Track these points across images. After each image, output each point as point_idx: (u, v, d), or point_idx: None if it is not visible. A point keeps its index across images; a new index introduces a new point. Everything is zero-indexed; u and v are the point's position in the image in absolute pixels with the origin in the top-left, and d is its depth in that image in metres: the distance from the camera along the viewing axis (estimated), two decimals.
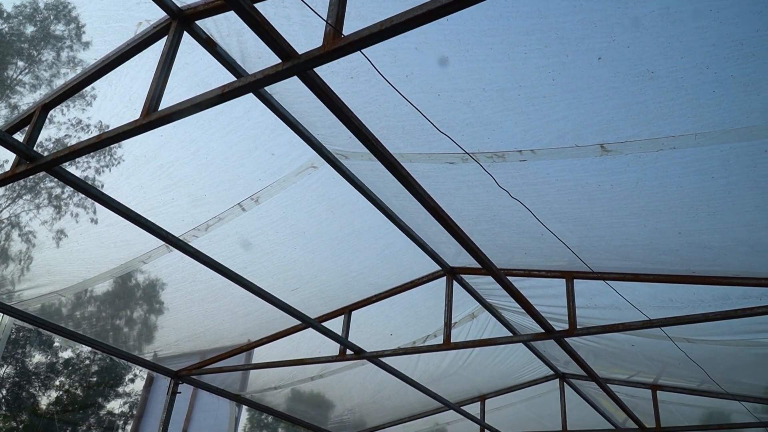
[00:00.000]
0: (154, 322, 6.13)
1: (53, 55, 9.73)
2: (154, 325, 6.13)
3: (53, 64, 8.94)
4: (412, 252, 5.15)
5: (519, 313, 5.87)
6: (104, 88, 3.65)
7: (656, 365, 6.61)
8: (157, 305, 5.86)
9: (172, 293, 5.26)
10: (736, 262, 4.08)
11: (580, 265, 4.69)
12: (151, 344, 6.10)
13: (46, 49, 10.74)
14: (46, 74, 10.08)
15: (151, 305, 6.11)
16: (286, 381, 6.88)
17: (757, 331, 4.85)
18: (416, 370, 6.80)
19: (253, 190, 4.26)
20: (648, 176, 3.35)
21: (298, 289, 5.36)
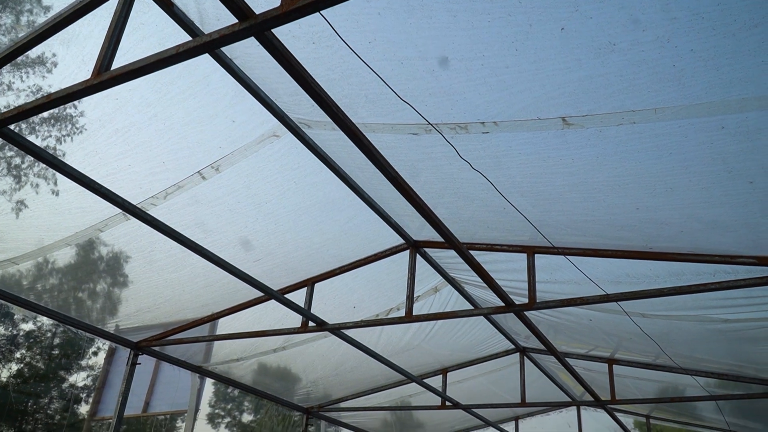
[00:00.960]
0: (117, 294, 6.01)
1: (12, 19, 9.33)
2: (117, 298, 6.01)
3: (12, 28, 8.58)
4: (376, 225, 5.14)
5: (481, 288, 5.93)
6: (62, 52, 3.51)
7: (613, 340, 6.77)
8: (121, 278, 5.76)
9: (131, 263, 5.15)
10: (692, 238, 4.16)
11: (541, 240, 4.74)
12: (113, 317, 5.99)
13: (4, 13, 10.29)
14: (4, 39, 9.68)
15: (115, 278, 5.98)
16: (249, 353, 6.85)
17: (709, 307, 4.99)
18: (379, 343, 6.84)
19: (214, 158, 4.16)
20: (608, 151, 3.38)
21: (261, 260, 5.30)
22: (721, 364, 6.56)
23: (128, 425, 26.15)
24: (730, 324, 5.21)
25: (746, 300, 4.71)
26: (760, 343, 5.52)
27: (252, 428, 32.87)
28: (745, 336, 5.43)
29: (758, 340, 5.42)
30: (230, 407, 34.44)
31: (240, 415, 34.25)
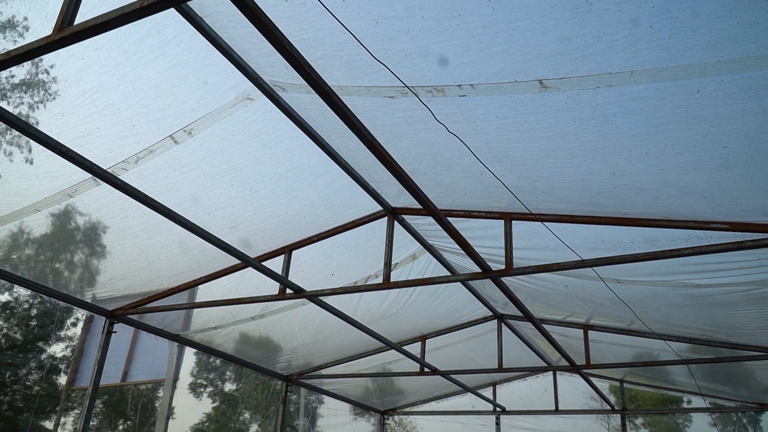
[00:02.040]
0: (94, 264, 5.92)
1: None
2: (93, 268, 5.92)
3: None
4: (354, 192, 5.09)
5: (459, 255, 5.94)
6: (24, 10, 3.38)
7: (589, 306, 6.86)
8: (99, 249, 5.67)
9: (108, 233, 5.07)
10: (667, 204, 4.19)
11: (518, 206, 4.74)
12: (90, 287, 5.92)
13: None
14: None
15: (93, 248, 5.88)
16: (227, 321, 6.83)
17: (682, 273, 5.05)
18: (358, 311, 6.86)
19: (186, 122, 4.06)
20: (585, 115, 3.35)
21: (237, 227, 5.24)
22: (693, 329, 6.69)
23: (109, 395, 26.21)
24: (703, 289, 5.30)
25: (718, 265, 4.78)
26: (730, 308, 5.63)
27: (234, 397, 33.09)
28: (717, 301, 5.53)
29: (729, 304, 5.53)
30: (212, 377, 34.58)
31: (222, 384, 34.43)
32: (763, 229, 4.11)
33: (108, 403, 26.75)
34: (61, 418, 21.53)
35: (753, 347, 6.63)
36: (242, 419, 31.02)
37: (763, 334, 6.17)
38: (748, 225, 4.14)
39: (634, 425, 18.51)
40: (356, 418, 11.38)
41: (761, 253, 4.44)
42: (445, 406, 11.02)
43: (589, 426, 10.40)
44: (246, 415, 30.95)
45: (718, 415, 11.87)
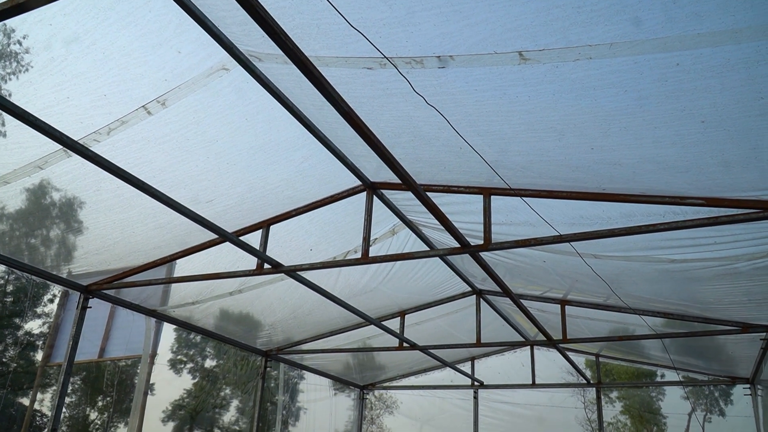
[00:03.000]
0: (69, 240, 5.81)
1: None
2: (69, 243, 5.81)
3: None
4: (332, 166, 5.04)
5: (438, 230, 5.94)
6: None
7: (566, 282, 6.92)
8: (76, 224, 5.57)
9: (84, 209, 4.97)
10: (644, 179, 4.21)
11: (497, 181, 4.73)
12: (67, 262, 5.82)
13: None
14: None
15: (69, 224, 5.77)
16: (205, 296, 6.77)
17: (658, 248, 5.11)
18: (337, 286, 6.85)
19: (159, 92, 3.96)
20: (564, 88, 3.33)
21: (214, 201, 5.17)
22: (668, 304, 6.80)
23: (88, 372, 26.06)
24: (678, 264, 5.36)
25: (693, 241, 4.83)
26: (704, 283, 5.72)
27: (214, 373, 33.10)
28: (691, 276, 5.60)
29: (703, 279, 5.61)
30: (192, 353, 34.53)
31: (202, 360, 34.41)
32: (737, 204, 4.15)
33: (86, 380, 26.62)
34: (38, 394, 21.38)
35: (725, 322, 6.76)
36: (223, 395, 31.10)
37: (735, 308, 6.29)
38: (722, 200, 4.18)
39: (609, 399, 18.91)
40: (336, 394, 11.46)
41: (735, 228, 4.49)
42: (424, 381, 11.13)
43: (566, 400, 10.61)
44: (227, 390, 31.03)
45: (690, 388, 12.16)
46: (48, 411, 23.73)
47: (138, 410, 7.01)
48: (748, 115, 3.25)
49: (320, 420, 10.63)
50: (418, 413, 11.72)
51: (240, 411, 29.52)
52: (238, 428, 29.24)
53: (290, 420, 14.16)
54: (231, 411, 30.23)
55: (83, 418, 27.38)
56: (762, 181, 3.89)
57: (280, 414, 9.35)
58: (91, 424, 27.68)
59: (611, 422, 21.63)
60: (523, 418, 10.48)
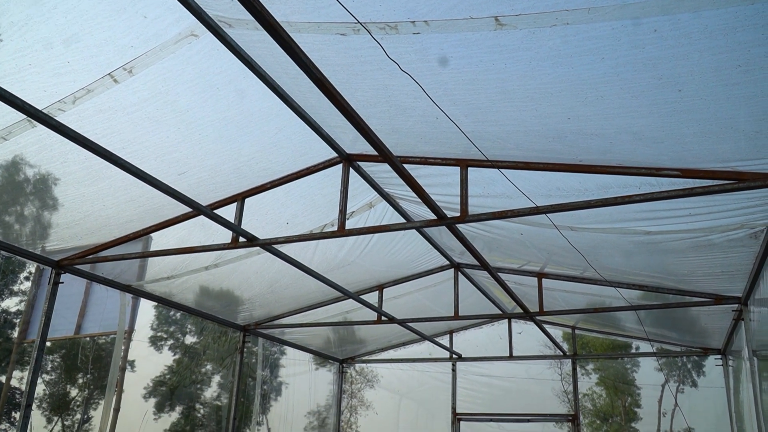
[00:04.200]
0: (46, 217, 5.66)
1: None
2: (43, 219, 5.67)
3: None
4: (307, 137, 4.95)
5: (416, 203, 5.90)
6: None
7: (543, 255, 6.95)
8: (51, 201, 5.43)
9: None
10: (620, 150, 4.19)
11: (474, 153, 4.68)
12: (42, 239, 5.68)
13: None
14: None
15: (44, 201, 5.61)
16: (180, 271, 6.68)
17: (634, 220, 5.12)
18: (314, 260, 6.79)
19: (126, 59, 3.82)
20: (541, 55, 3.27)
21: (186, 173, 5.06)
22: (643, 277, 6.87)
23: (67, 349, 25.85)
24: (653, 236, 5.39)
25: (669, 212, 4.85)
26: (679, 255, 5.77)
27: (195, 350, 33.04)
28: (666, 248, 5.65)
29: (678, 251, 5.65)
30: (173, 330, 34.40)
31: (183, 337, 34.31)
32: (712, 175, 4.16)
33: (66, 357, 26.43)
34: (17, 372, 21.17)
35: (699, 294, 6.85)
36: (204, 371, 31.09)
37: (708, 280, 6.36)
38: (698, 172, 4.18)
39: (585, 371, 19.24)
40: (318, 368, 11.49)
41: (710, 200, 4.51)
42: (403, 354, 11.21)
43: (543, 372, 10.74)
44: (208, 367, 31.03)
45: (664, 360, 12.39)
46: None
47: (113, 387, 6.92)
48: (726, 84, 3.23)
49: (301, 394, 10.67)
50: (398, 386, 11.81)
51: (222, 386, 29.58)
52: (219, 403, 29.31)
53: (272, 395, 14.20)
54: (213, 387, 30.29)
55: (63, 396, 27.25)
56: (737, 152, 3.89)
57: (259, 388, 9.34)
58: (71, 401, 27.57)
59: (587, 393, 22.09)
60: (500, 389, 10.62)
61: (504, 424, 10.38)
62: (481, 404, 10.61)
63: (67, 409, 27.35)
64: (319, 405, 12.18)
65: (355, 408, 16.41)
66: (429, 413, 11.38)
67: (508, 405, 10.36)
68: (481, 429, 10.57)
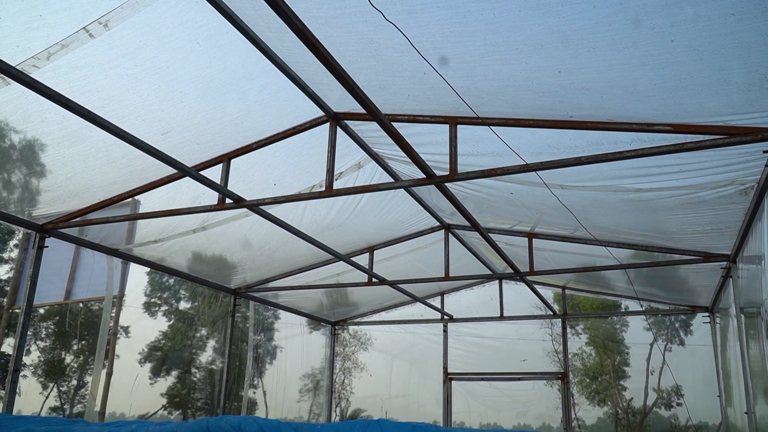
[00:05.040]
0: (34, 184, 5.53)
1: None
2: (29, 185, 5.54)
3: None
4: (293, 95, 4.83)
5: (405, 163, 5.82)
6: None
7: (534, 214, 6.91)
8: (38, 168, 5.30)
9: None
10: (611, 105, 4.11)
11: (463, 110, 4.59)
12: (30, 204, 5.58)
13: None
14: None
15: (31, 168, 5.47)
16: (167, 234, 6.61)
17: (624, 177, 5.07)
18: (303, 222, 6.73)
19: (101, 12, 3.67)
20: (530, 4, 3.16)
21: (169, 133, 4.94)
22: (633, 235, 6.86)
23: (61, 316, 25.87)
24: (643, 194, 5.35)
25: (659, 169, 4.80)
26: (668, 213, 5.74)
27: (189, 315, 33.20)
28: (656, 206, 5.62)
29: (667, 209, 5.63)
30: (166, 296, 34.50)
31: (177, 303, 34.43)
32: (704, 130, 4.10)
33: (60, 324, 26.49)
34: (7, 338, 21.20)
35: (688, 252, 6.86)
36: (199, 336, 31.31)
37: (697, 238, 6.36)
38: (689, 126, 4.12)
39: (575, 331, 19.49)
40: (312, 332, 11.56)
41: (701, 155, 4.45)
42: (395, 316, 11.26)
43: (534, 333, 10.85)
44: (203, 332, 31.23)
45: (653, 320, 12.54)
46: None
47: (103, 351, 6.92)
48: (719, 33, 3.14)
49: (296, 357, 10.75)
50: (390, 348, 11.92)
51: (217, 351, 29.83)
52: (215, 367, 29.61)
53: (267, 359, 14.32)
54: (208, 351, 30.53)
55: (58, 362, 27.41)
56: (729, 106, 3.82)
57: (251, 352, 9.38)
58: (67, 367, 27.75)
59: (577, 353, 22.42)
60: (491, 349, 10.73)
61: (495, 382, 10.52)
62: (472, 364, 10.73)
63: (62, 375, 27.55)
64: (313, 368, 12.30)
65: (349, 370, 16.61)
66: (421, 373, 11.52)
67: (499, 365, 10.49)
68: (472, 388, 10.71)
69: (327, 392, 11.32)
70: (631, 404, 23.52)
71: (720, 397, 8.68)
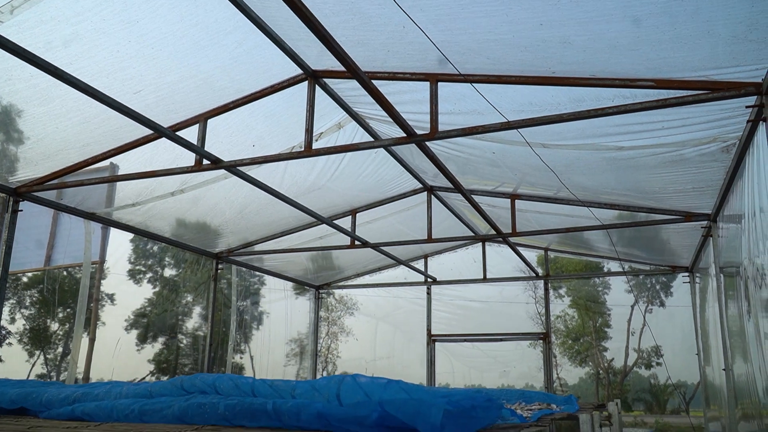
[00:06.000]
0: (12, 150, 5.36)
1: None
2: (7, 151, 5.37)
3: None
4: (270, 52, 4.70)
5: (386, 123, 5.73)
6: None
7: (517, 175, 6.88)
8: (16, 134, 5.13)
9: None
10: (594, 60, 4.04)
11: (444, 66, 4.49)
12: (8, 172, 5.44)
13: None
14: None
15: (8, 134, 5.28)
16: (145, 197, 6.49)
17: (607, 134, 5.03)
18: (283, 184, 6.64)
19: None
20: None
21: (142, 92, 4.79)
22: (616, 195, 6.85)
23: (46, 284, 25.69)
24: (626, 152, 5.32)
25: (641, 126, 4.76)
26: (650, 171, 5.73)
27: (175, 282, 33.15)
28: (638, 164, 5.59)
29: (649, 167, 5.61)
30: (151, 263, 34.37)
31: (162, 270, 34.33)
32: (687, 85, 4.05)
33: (44, 292, 26.34)
34: None
35: (669, 211, 6.88)
36: (185, 302, 31.35)
37: (679, 197, 6.37)
38: (672, 81, 4.07)
39: (558, 294, 19.73)
40: (297, 298, 11.57)
41: (683, 111, 4.41)
42: (379, 280, 11.28)
43: (517, 296, 10.93)
44: (188, 298, 31.25)
45: (634, 282, 12.69)
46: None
47: (82, 317, 6.86)
48: None
49: (281, 323, 10.77)
50: (375, 311, 11.98)
51: (203, 317, 29.89)
52: (202, 333, 29.71)
53: (253, 324, 14.35)
54: (194, 318, 30.61)
55: (44, 330, 27.36)
56: (713, 59, 3.77)
57: (235, 316, 9.37)
58: (53, 335, 27.72)
59: (560, 315, 22.77)
60: (474, 311, 10.81)
61: (478, 344, 10.64)
62: (456, 326, 10.82)
63: (48, 342, 27.54)
64: (300, 333, 12.34)
65: (335, 335, 16.73)
66: (405, 336, 11.61)
67: (482, 326, 10.58)
68: (455, 349, 10.83)
69: (312, 356, 11.39)
70: (611, 364, 24.05)
71: (698, 355, 8.85)
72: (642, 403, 27.80)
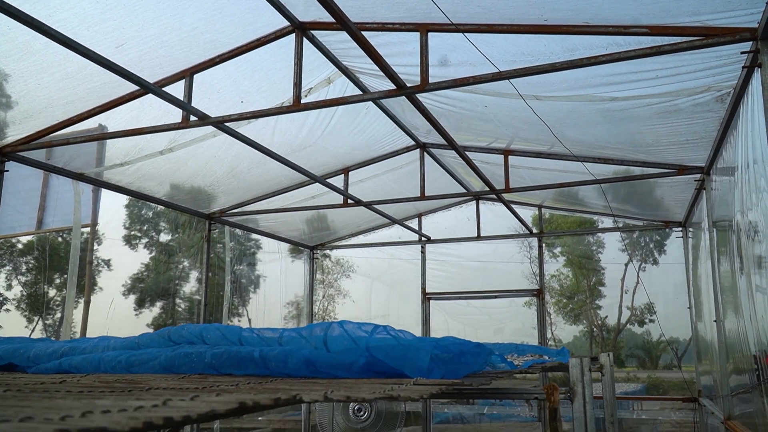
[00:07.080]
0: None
1: None
2: None
3: None
4: (255, 2, 4.58)
5: (376, 77, 5.63)
6: None
7: (510, 130, 6.80)
8: (4, 99, 5.01)
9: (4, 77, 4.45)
10: (587, 6, 3.94)
11: (435, 15, 4.38)
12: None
13: None
14: None
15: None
16: (133, 156, 6.41)
17: (600, 85, 4.95)
18: (273, 141, 6.56)
19: None
20: None
21: (124, 45, 4.68)
22: (609, 149, 6.80)
23: (41, 250, 25.69)
24: (619, 103, 5.25)
25: (635, 75, 4.68)
26: (644, 122, 5.66)
27: (171, 247, 33.22)
28: (632, 115, 5.52)
29: (643, 118, 5.54)
30: (146, 228, 34.36)
31: (157, 235, 34.35)
32: (681, 32, 3.96)
33: (40, 258, 26.36)
34: None
35: (662, 165, 6.84)
36: (181, 267, 31.48)
37: (673, 150, 6.32)
38: (666, 28, 3.98)
39: (552, 254, 19.82)
40: (294, 261, 11.58)
41: (678, 59, 4.33)
42: (373, 239, 11.29)
43: (513, 256, 10.96)
44: (185, 263, 31.38)
45: (628, 241, 12.74)
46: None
47: (74, 279, 6.85)
48: None
49: (278, 285, 10.80)
50: (370, 271, 12.02)
51: (200, 281, 30.09)
52: (199, 297, 29.95)
53: (250, 288, 14.42)
54: (191, 282, 30.79)
55: (42, 295, 27.50)
56: (708, 3, 3.68)
57: (229, 276, 9.38)
58: (50, 300, 27.88)
59: (554, 275, 22.97)
60: (469, 269, 10.86)
61: (472, 301, 10.71)
62: (450, 284, 10.87)
63: (47, 308, 27.70)
64: (297, 295, 12.40)
65: (332, 297, 16.83)
66: (400, 295, 11.68)
67: (476, 284, 10.63)
68: (450, 307, 10.91)
69: (308, 317, 11.46)
70: (605, 322, 24.38)
71: (690, 309, 8.93)
72: (635, 360, 28.29)
